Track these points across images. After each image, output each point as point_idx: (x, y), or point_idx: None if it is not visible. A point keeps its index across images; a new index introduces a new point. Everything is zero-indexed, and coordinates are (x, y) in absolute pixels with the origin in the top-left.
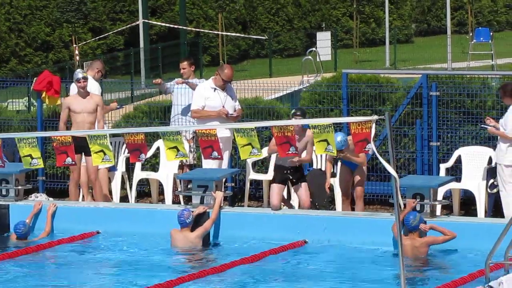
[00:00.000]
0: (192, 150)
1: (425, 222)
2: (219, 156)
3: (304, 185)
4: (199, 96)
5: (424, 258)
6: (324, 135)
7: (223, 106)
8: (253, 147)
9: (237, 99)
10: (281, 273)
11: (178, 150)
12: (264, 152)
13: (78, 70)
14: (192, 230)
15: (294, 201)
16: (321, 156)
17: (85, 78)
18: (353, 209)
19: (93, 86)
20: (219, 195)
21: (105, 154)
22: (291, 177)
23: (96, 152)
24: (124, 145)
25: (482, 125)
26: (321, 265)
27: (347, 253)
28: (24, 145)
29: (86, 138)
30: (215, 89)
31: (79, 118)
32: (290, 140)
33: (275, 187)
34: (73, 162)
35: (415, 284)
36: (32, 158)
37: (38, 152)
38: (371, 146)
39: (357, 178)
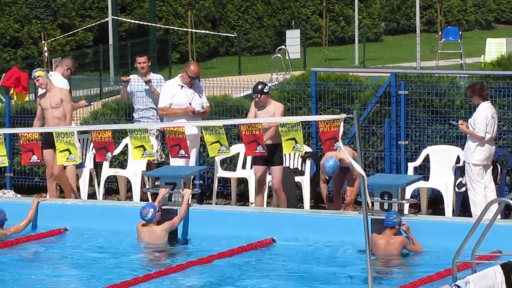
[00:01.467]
0: (159, 148)
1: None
2: (186, 155)
3: (278, 168)
4: (165, 93)
5: (396, 257)
6: (292, 133)
7: (190, 104)
8: (221, 145)
9: (205, 96)
10: (248, 271)
11: (144, 149)
12: (233, 149)
13: (36, 69)
14: (159, 224)
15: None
16: (289, 154)
17: (40, 76)
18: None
19: (62, 83)
20: (187, 192)
21: (70, 153)
22: (267, 158)
23: (61, 151)
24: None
25: (452, 121)
26: (289, 263)
27: (315, 251)
28: None
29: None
30: (182, 86)
31: (47, 114)
32: (257, 138)
33: (256, 168)
34: (39, 160)
35: (382, 283)
36: None
37: (4, 150)
38: (339, 145)
39: (351, 181)
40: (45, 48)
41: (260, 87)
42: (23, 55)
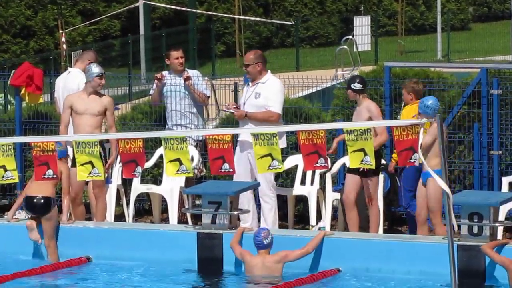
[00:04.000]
0: (199, 160)
1: None
2: (231, 170)
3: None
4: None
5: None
6: (360, 143)
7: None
8: (273, 159)
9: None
10: None
11: (181, 164)
12: (291, 161)
13: (93, 64)
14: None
15: None
16: None
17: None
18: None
19: (83, 82)
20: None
21: (93, 166)
22: None
23: (82, 164)
24: None
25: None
26: None
27: (388, 283)
28: None
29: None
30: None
31: (79, 120)
32: (319, 149)
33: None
34: (55, 176)
35: None
36: (6, 170)
37: (14, 163)
38: (419, 156)
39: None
40: (63, 39)
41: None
42: (36, 47)
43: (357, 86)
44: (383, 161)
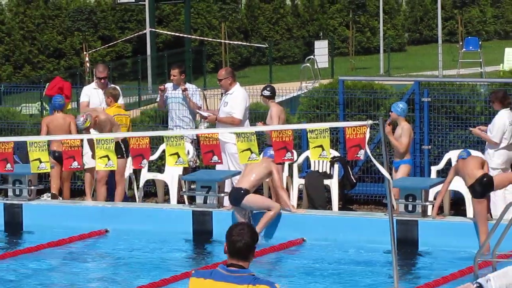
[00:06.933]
0: (194, 153)
1: None
2: (219, 161)
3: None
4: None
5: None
6: (319, 140)
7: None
8: (252, 152)
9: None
10: (280, 269)
11: (178, 157)
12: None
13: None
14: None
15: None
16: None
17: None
18: None
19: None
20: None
21: (109, 159)
22: None
23: (101, 157)
24: None
25: (471, 128)
26: (318, 263)
27: (343, 250)
28: (35, 149)
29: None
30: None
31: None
32: (287, 145)
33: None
34: (79, 166)
35: (407, 280)
36: (41, 162)
37: (47, 156)
38: (364, 152)
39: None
40: (87, 59)
41: (262, 89)
42: (66, 65)
43: (266, 93)
44: (337, 153)
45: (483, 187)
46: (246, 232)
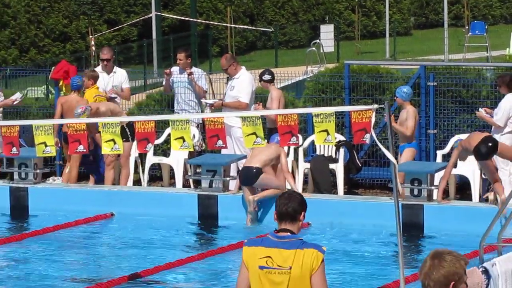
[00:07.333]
0: (199, 137)
1: None
2: (224, 145)
3: None
4: None
5: None
6: (325, 124)
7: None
8: (257, 136)
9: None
10: None
11: (184, 141)
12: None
13: (80, 107)
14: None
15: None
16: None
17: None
18: None
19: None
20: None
21: (115, 143)
22: None
23: (106, 141)
24: None
25: (476, 112)
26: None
27: (348, 234)
28: (40, 133)
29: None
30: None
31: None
32: (292, 129)
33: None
34: (85, 150)
35: (412, 263)
36: (46, 146)
37: (52, 140)
38: (370, 136)
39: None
40: (92, 43)
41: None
42: (72, 49)
43: (267, 77)
44: (342, 137)
45: (487, 148)
46: (293, 198)
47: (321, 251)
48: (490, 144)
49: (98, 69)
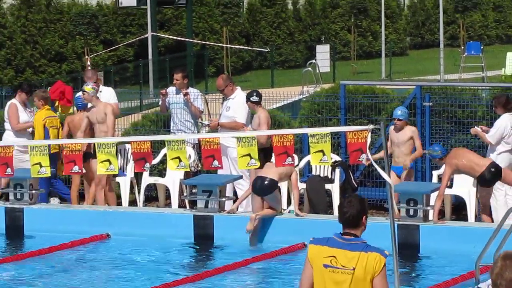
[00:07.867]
0: (195, 158)
1: None
2: (220, 165)
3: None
4: None
5: None
6: (320, 145)
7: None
8: (251, 158)
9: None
10: (283, 273)
11: (180, 161)
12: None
13: (87, 83)
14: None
15: None
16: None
17: (86, 92)
18: None
19: (112, 96)
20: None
21: (110, 163)
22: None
23: (102, 162)
24: None
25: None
26: None
27: None
28: (36, 153)
29: (95, 145)
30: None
31: (95, 128)
32: (288, 150)
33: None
34: (80, 171)
35: (408, 285)
36: (41, 167)
37: (47, 161)
38: (366, 156)
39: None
40: (88, 63)
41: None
42: (68, 69)
43: (255, 98)
44: (338, 158)
45: (492, 175)
46: (354, 204)
47: (384, 255)
48: (494, 170)
49: (106, 90)
